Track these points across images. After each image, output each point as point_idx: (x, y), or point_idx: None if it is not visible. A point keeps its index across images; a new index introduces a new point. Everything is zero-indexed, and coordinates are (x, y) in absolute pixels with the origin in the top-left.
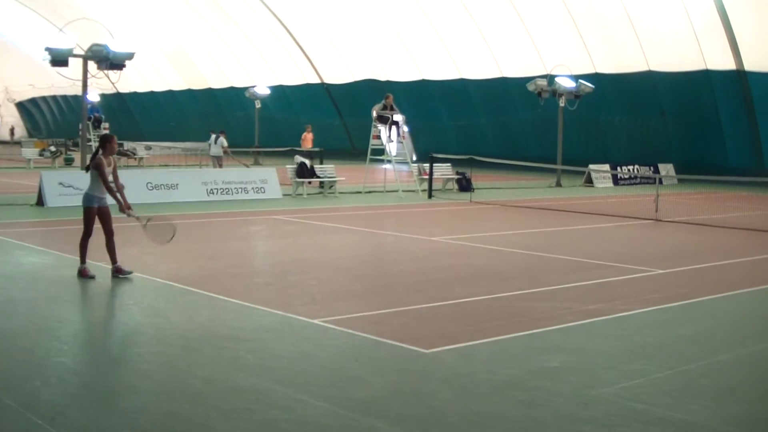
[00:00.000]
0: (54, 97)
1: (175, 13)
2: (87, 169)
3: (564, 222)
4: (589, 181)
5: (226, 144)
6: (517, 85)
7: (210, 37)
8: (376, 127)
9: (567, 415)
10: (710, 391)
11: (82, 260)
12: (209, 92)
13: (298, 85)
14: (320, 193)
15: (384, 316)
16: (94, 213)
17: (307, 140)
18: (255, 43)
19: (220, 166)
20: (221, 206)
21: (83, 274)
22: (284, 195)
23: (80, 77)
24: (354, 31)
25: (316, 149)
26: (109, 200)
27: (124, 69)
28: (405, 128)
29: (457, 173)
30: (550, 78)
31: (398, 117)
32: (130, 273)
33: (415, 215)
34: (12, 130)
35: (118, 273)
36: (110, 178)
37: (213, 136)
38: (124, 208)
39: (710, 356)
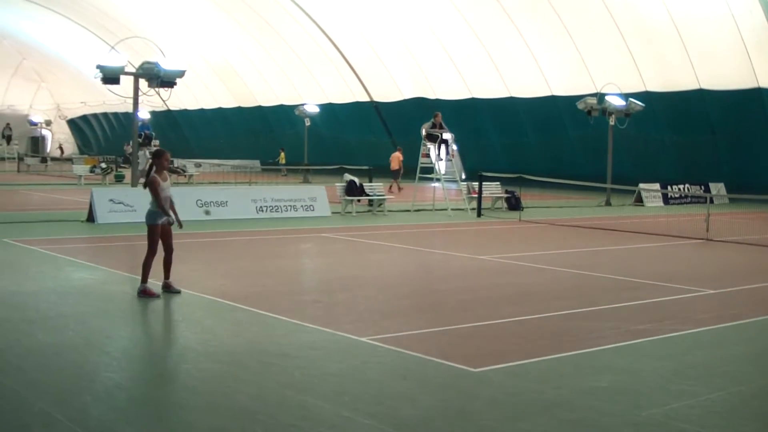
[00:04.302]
0: (105, 114)
1: (225, 32)
2: (145, 186)
3: (613, 241)
4: (639, 200)
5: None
6: (567, 103)
7: (260, 55)
8: (425, 145)
9: None
10: (762, 412)
11: (144, 279)
12: (259, 110)
13: (348, 103)
14: (369, 211)
15: (431, 335)
16: (158, 230)
17: (394, 160)
18: (304, 61)
19: None
20: (270, 224)
21: (146, 293)
22: (333, 213)
23: (131, 95)
24: (403, 49)
25: (365, 168)
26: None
27: (174, 87)
28: (454, 147)
29: (506, 192)
30: (600, 96)
31: (447, 135)
32: (178, 292)
33: (463, 234)
34: (61, 148)
35: (167, 288)
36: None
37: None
38: (179, 223)
39: (762, 377)
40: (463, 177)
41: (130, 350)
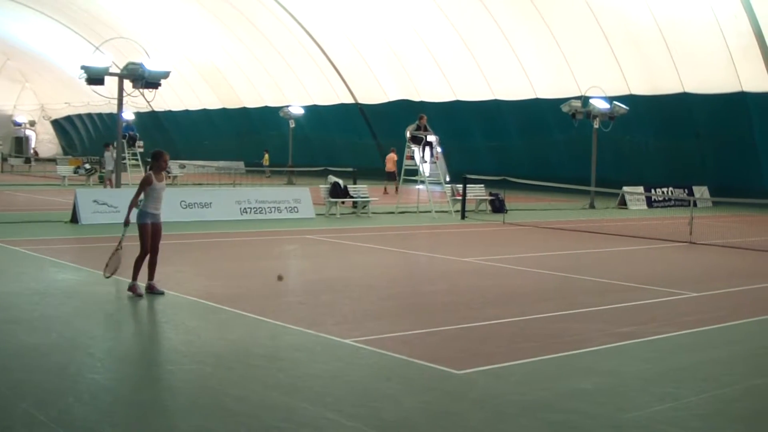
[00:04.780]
0: (89, 115)
1: (210, 33)
2: None
3: (597, 244)
4: (623, 203)
5: None
6: (551, 106)
7: (245, 57)
8: (409, 147)
9: None
10: (745, 415)
11: (134, 277)
12: (244, 111)
13: (333, 105)
14: (353, 213)
15: (416, 337)
16: (148, 229)
17: (389, 161)
18: (290, 63)
19: None
20: (254, 225)
21: (132, 290)
22: (317, 215)
23: (116, 96)
24: (388, 51)
25: (351, 168)
26: (161, 217)
27: (159, 88)
28: (438, 149)
29: (491, 194)
30: (585, 99)
31: (432, 137)
32: (162, 293)
33: (447, 236)
34: (35, 151)
35: (150, 290)
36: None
37: None
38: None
39: (744, 380)
40: (448, 179)
41: (114, 351)
